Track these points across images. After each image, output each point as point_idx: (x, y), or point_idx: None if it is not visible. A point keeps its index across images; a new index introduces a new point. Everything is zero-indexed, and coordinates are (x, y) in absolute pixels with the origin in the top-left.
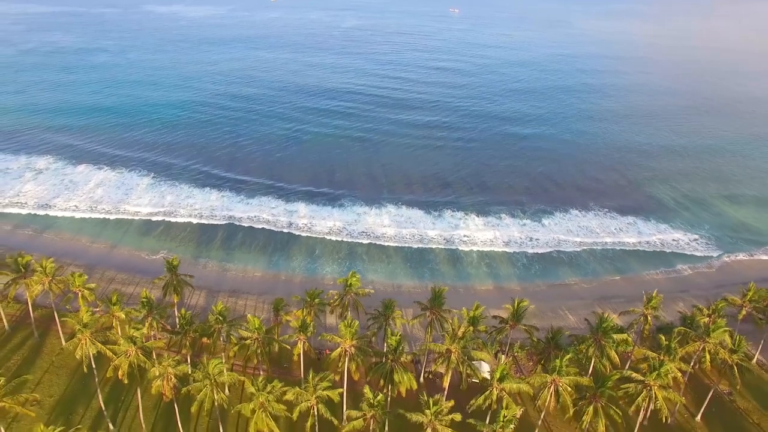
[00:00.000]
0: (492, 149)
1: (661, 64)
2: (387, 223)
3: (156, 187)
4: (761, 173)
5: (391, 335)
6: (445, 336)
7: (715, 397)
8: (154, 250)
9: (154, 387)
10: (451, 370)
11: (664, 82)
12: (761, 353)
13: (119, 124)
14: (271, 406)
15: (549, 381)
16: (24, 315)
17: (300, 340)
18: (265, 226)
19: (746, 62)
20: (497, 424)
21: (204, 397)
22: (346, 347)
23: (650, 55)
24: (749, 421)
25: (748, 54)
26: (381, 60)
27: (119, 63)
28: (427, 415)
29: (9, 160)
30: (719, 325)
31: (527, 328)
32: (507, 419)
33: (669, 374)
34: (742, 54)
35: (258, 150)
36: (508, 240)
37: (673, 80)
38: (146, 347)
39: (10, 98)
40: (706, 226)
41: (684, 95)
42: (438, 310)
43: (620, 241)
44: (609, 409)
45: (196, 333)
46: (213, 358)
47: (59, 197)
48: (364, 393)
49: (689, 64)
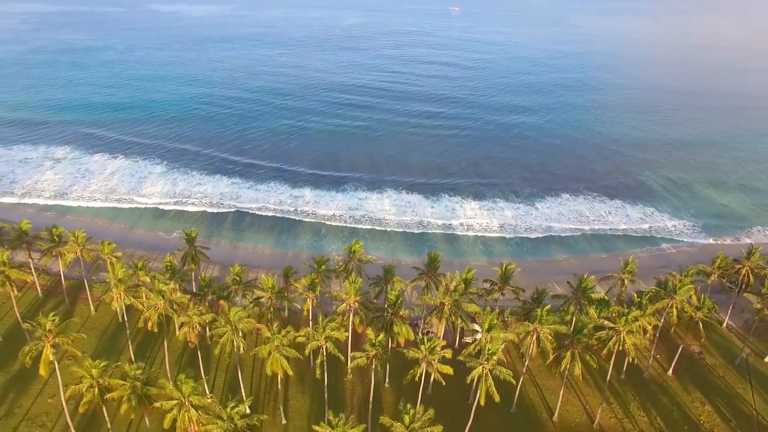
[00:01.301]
0: (488, 138)
1: (657, 61)
2: (388, 207)
3: (168, 174)
4: (747, 163)
5: (390, 291)
6: (439, 291)
7: (686, 356)
8: (169, 230)
9: (181, 334)
10: (444, 321)
11: (659, 78)
12: (730, 318)
13: (131, 117)
14: (284, 348)
15: (531, 329)
16: (55, 285)
17: (309, 298)
18: (273, 210)
19: (741, 59)
20: (483, 357)
21: (226, 341)
22: (350, 303)
23: (646, 52)
24: (715, 375)
25: (743, 51)
26: (382, 55)
27: (127, 60)
28: (422, 350)
29: (29, 150)
30: (685, 284)
31: (514, 288)
32: (491, 352)
33: (636, 322)
34: (738, 51)
35: (265, 141)
36: (503, 222)
37: (669, 77)
38: (173, 300)
39: (26, 93)
40: (691, 210)
41: (678, 91)
42: (433, 274)
43: (608, 223)
44: (585, 355)
45: (215, 294)
46: (234, 306)
47: (76, 185)
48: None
49: (684, 61)
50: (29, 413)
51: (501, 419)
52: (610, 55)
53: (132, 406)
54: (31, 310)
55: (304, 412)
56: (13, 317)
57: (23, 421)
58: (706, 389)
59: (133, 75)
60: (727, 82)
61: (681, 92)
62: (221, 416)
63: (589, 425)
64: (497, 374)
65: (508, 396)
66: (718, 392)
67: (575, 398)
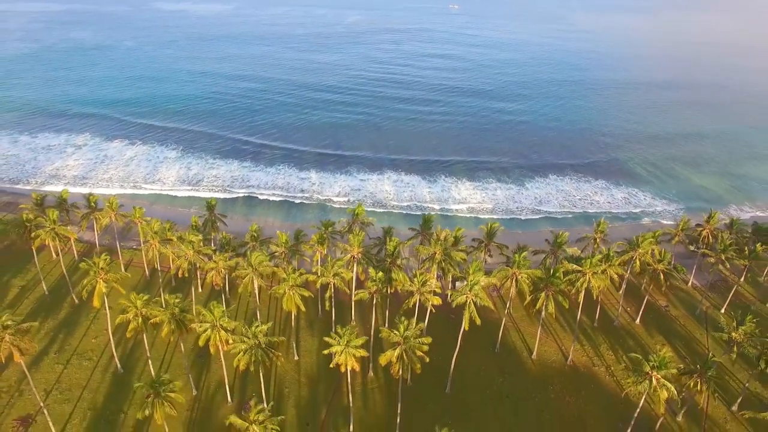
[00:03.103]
0: (482, 125)
1: (649, 57)
2: (388, 187)
3: (183, 159)
4: (728, 151)
5: (389, 241)
6: (431, 242)
7: (654, 309)
8: (186, 206)
9: (208, 277)
10: (436, 266)
11: (651, 73)
12: (694, 278)
13: (144, 110)
14: (298, 288)
15: (510, 273)
16: (88, 251)
17: (317, 251)
18: (281, 189)
19: (734, 56)
20: (467, 286)
21: (248, 282)
22: (354, 254)
23: (640, 49)
24: (677, 323)
25: (736, 47)
26: (384, 49)
27: (138, 56)
28: (416, 283)
29: (51, 137)
30: (646, 238)
31: (498, 245)
32: (473, 282)
33: (600, 266)
34: (732, 48)
35: (273, 128)
36: (494, 199)
37: (660, 72)
38: (201, 250)
39: (45, 88)
40: (673, 191)
41: (668, 86)
42: (427, 232)
43: (594, 203)
44: (558, 296)
45: (234, 251)
46: (254, 252)
47: (96, 170)
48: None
49: (678, 57)
50: (77, 350)
51: (486, 357)
52: (603, 51)
53: (171, 329)
54: (69, 270)
55: (314, 351)
56: (54, 275)
57: (73, 355)
58: (668, 335)
59: (144, 71)
60: (716, 78)
61: (671, 87)
62: (247, 335)
63: (563, 362)
64: (478, 302)
65: (493, 338)
66: (678, 337)
67: (552, 340)
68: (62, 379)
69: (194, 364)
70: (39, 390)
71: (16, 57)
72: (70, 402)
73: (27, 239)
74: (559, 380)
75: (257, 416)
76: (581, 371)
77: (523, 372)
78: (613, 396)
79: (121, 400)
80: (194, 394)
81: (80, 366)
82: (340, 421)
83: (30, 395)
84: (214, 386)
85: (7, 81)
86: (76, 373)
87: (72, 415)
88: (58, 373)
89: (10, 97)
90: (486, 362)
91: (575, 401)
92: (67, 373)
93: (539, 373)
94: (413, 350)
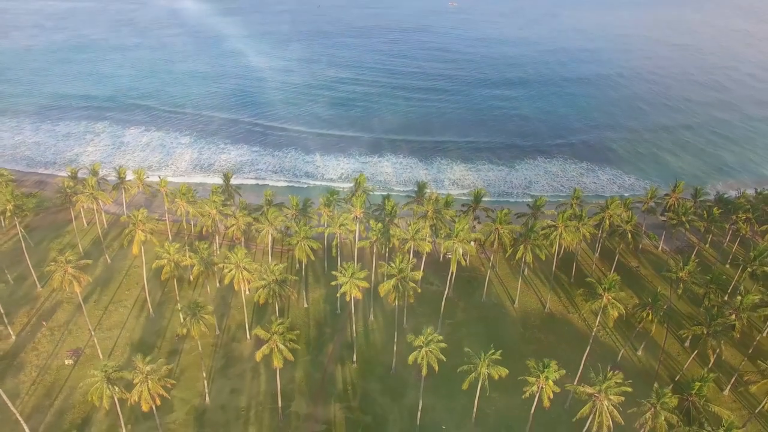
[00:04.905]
0: (477, 111)
1: (643, 52)
2: (388, 169)
3: (195, 144)
4: (706, 138)
5: (387, 203)
6: (424, 201)
7: (626, 270)
8: (202, 184)
9: (230, 232)
10: (429, 222)
11: (641, 68)
12: (664, 243)
13: (155, 103)
14: (308, 240)
15: (493, 228)
16: (114, 221)
17: (324, 213)
18: (287, 172)
19: (728, 51)
20: (454, 233)
21: (265, 234)
22: (356, 213)
23: (632, 44)
24: (645, 281)
25: (731, 44)
26: (384, 41)
27: (149, 54)
28: (410, 232)
29: (72, 125)
30: (614, 200)
31: (485, 208)
32: (459, 229)
33: (573, 222)
34: (726, 43)
35: (281, 113)
36: (487, 179)
37: (651, 67)
38: (222, 210)
39: (63, 81)
40: (654, 174)
41: (659, 81)
42: (421, 198)
43: (580, 182)
44: (535, 249)
45: (249, 216)
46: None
47: (114, 155)
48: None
49: (673, 52)
50: (113, 299)
51: (474, 305)
52: (598, 48)
53: (201, 270)
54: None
55: (321, 300)
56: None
57: (110, 303)
58: (637, 289)
59: (156, 65)
60: (708, 75)
61: (664, 82)
62: (265, 274)
63: (541, 309)
64: (464, 248)
65: (479, 291)
66: (646, 291)
67: (532, 292)
68: (103, 322)
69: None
70: (84, 329)
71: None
72: (112, 339)
73: (67, 204)
74: (537, 323)
75: (277, 328)
76: (557, 316)
77: (505, 316)
78: (584, 335)
79: (155, 337)
80: (217, 334)
81: (117, 312)
82: (345, 353)
83: (78, 333)
84: (234, 328)
85: (40, 73)
86: (114, 317)
87: (114, 347)
88: (98, 317)
89: (32, 88)
90: (473, 308)
91: (548, 338)
92: (107, 316)
93: (520, 317)
94: (407, 281)
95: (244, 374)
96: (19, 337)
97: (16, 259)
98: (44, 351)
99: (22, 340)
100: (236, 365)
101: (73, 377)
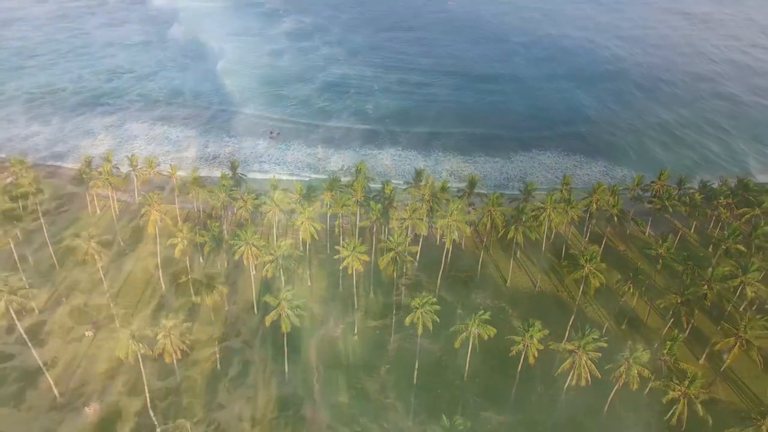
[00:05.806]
0: (471, 104)
1: (639, 45)
2: (388, 162)
3: (200, 137)
4: (698, 130)
5: (386, 187)
6: (422, 185)
7: (614, 252)
8: (209, 177)
9: (238, 213)
10: (426, 204)
11: (641, 61)
12: (650, 228)
13: (161, 100)
14: (312, 221)
15: (486, 211)
16: (125, 208)
17: (327, 196)
18: (290, 164)
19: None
20: (450, 214)
21: (272, 216)
22: (357, 197)
23: (630, 41)
24: (632, 263)
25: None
26: (385, 37)
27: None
28: (408, 211)
29: (81, 120)
30: (601, 185)
31: (479, 193)
32: (453, 207)
33: (561, 204)
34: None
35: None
36: (484, 170)
37: (656, 60)
38: (231, 194)
39: (63, 74)
40: (644, 166)
41: (654, 76)
42: (419, 183)
43: (574, 174)
44: (526, 230)
45: (257, 199)
46: (276, 191)
47: (122, 148)
48: (370, 205)
49: (670, 47)
50: (128, 279)
51: (467, 283)
52: (596, 43)
53: (212, 247)
54: (116, 220)
55: (324, 278)
56: (98, 227)
57: (124, 284)
58: (622, 270)
59: (161, 64)
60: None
61: (657, 77)
62: (272, 250)
63: (532, 288)
64: (458, 226)
65: (473, 269)
66: (631, 270)
67: (524, 273)
68: (120, 298)
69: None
70: (103, 304)
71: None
72: (129, 314)
73: (82, 190)
74: (527, 300)
75: (285, 295)
76: (547, 295)
77: (497, 294)
78: (571, 310)
79: (168, 309)
80: (226, 309)
81: (132, 290)
82: (347, 330)
83: (97, 308)
84: (242, 304)
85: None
86: (130, 294)
87: (132, 321)
88: (116, 292)
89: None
90: (468, 287)
91: (537, 311)
92: (123, 292)
93: (511, 295)
94: (404, 255)
95: (252, 341)
96: (41, 313)
97: (37, 240)
98: (66, 324)
99: (45, 315)
100: (245, 334)
101: (93, 346)
